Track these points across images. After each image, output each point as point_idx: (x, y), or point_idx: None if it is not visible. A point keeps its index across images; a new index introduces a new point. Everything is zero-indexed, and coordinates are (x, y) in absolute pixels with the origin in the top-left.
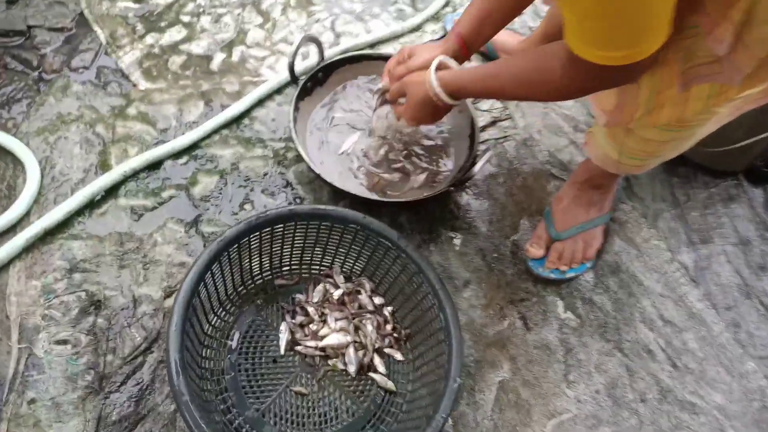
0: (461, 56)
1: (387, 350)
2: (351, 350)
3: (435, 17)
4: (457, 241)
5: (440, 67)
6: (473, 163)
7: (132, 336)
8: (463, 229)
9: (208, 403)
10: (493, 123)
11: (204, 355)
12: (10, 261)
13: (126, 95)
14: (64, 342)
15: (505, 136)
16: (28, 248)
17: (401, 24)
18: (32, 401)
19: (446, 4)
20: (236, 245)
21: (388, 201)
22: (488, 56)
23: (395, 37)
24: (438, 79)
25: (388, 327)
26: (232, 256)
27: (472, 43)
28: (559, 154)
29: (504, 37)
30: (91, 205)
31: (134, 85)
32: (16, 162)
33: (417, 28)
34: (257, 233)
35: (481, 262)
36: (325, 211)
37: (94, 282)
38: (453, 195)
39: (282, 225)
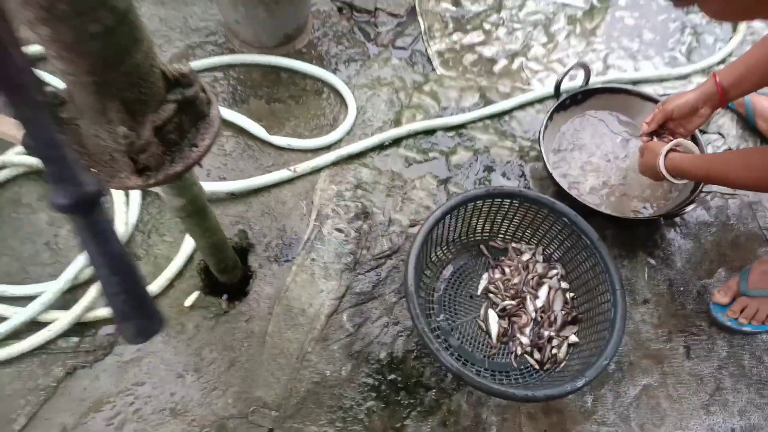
0: (715, 101)
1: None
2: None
3: (705, 71)
4: (649, 267)
5: (676, 147)
6: (690, 203)
7: (381, 244)
8: (659, 258)
9: (420, 304)
10: None
11: (426, 274)
12: (322, 168)
13: (425, 75)
14: (340, 231)
15: (734, 193)
16: (335, 163)
17: (669, 70)
18: (313, 260)
19: (722, 62)
20: (463, 206)
21: (601, 212)
22: (746, 119)
23: (660, 80)
24: (666, 159)
25: (565, 306)
26: (460, 212)
27: (729, 88)
28: None
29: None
30: (381, 147)
31: (433, 69)
32: (343, 103)
33: (684, 77)
34: (481, 200)
35: (666, 289)
36: (544, 200)
37: (368, 199)
38: (662, 227)
39: (504, 200)
